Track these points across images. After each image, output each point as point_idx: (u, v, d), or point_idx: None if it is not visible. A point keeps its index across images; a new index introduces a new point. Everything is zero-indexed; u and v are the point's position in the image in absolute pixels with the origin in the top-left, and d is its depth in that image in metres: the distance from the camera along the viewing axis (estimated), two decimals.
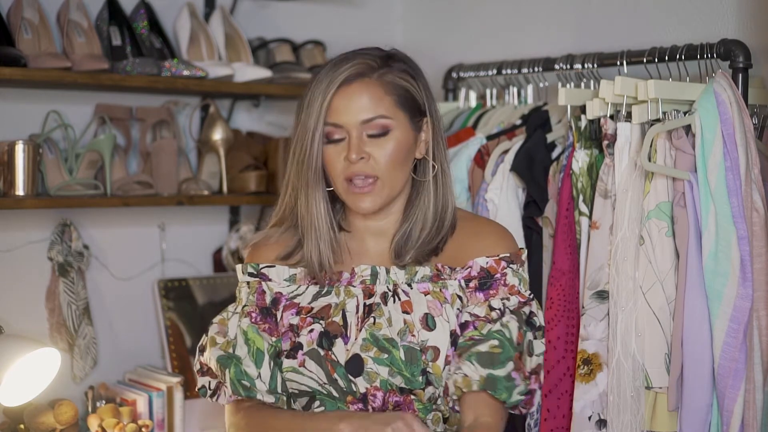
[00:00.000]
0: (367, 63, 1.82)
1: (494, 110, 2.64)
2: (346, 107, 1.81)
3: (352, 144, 1.81)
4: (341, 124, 1.81)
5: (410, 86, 1.85)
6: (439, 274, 1.87)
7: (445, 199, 1.90)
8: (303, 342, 1.85)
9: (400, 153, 1.83)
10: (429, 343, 1.81)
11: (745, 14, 2.30)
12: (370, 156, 1.81)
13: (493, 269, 1.86)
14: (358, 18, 3.17)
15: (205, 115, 2.90)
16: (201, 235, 2.99)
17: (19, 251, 2.64)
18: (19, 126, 2.59)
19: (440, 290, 1.85)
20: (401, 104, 1.83)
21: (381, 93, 1.82)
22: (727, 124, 1.98)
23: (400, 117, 1.83)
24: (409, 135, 1.85)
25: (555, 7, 2.76)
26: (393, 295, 1.85)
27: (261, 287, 1.93)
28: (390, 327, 1.82)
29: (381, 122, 1.81)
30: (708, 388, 2.00)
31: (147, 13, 2.71)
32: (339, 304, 1.86)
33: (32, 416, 2.46)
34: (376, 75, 1.82)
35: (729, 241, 1.96)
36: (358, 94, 1.81)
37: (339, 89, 1.81)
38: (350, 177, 1.82)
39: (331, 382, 1.83)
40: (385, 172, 1.82)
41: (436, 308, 1.83)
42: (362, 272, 1.88)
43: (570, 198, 2.24)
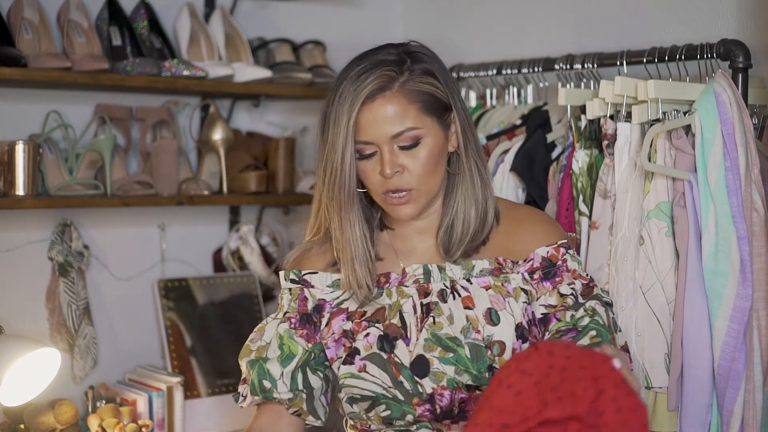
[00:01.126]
0: (385, 75, 1.77)
1: (494, 110, 2.64)
2: (373, 124, 1.77)
3: (385, 159, 1.78)
4: (371, 140, 1.79)
5: (433, 88, 1.81)
6: (500, 267, 1.85)
7: (485, 189, 1.87)
8: (360, 347, 1.82)
9: (433, 159, 1.80)
10: (494, 338, 1.79)
11: (745, 14, 2.30)
12: (405, 168, 1.79)
13: (554, 257, 1.86)
14: (358, 18, 3.17)
15: (205, 115, 2.90)
16: (201, 235, 2.99)
17: (19, 251, 2.64)
18: (19, 126, 2.59)
19: (502, 284, 1.84)
20: (427, 110, 1.80)
21: (405, 103, 1.78)
22: (727, 124, 1.98)
23: (428, 123, 1.80)
24: (440, 137, 1.82)
25: (555, 7, 2.76)
26: (452, 292, 1.84)
27: (303, 294, 1.90)
28: (452, 325, 1.81)
29: (411, 134, 1.78)
30: (708, 388, 2.00)
31: (147, 13, 2.71)
32: (394, 306, 1.84)
33: (32, 416, 2.46)
34: (397, 86, 1.78)
35: (729, 241, 1.96)
36: (382, 108, 1.77)
37: (362, 106, 1.77)
38: (387, 191, 1.80)
39: (396, 385, 1.80)
40: (420, 182, 1.80)
41: (499, 302, 1.81)
42: (414, 272, 1.86)
43: (570, 198, 2.24)
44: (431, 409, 1.80)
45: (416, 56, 1.83)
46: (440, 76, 1.83)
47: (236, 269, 2.98)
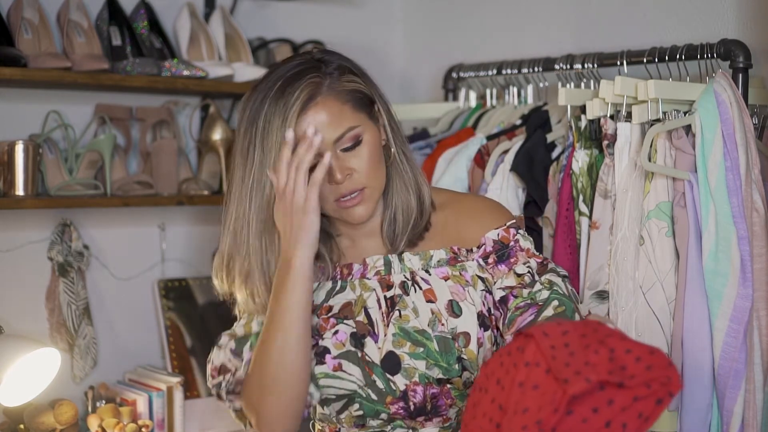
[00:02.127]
0: (312, 82, 1.74)
1: (494, 110, 2.64)
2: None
3: (333, 166, 1.74)
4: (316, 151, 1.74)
5: (356, 84, 1.78)
6: (455, 256, 1.84)
7: (416, 178, 1.86)
8: (329, 345, 1.80)
9: (375, 154, 1.78)
10: (459, 330, 1.78)
11: (745, 14, 2.30)
12: (353, 170, 1.76)
13: (505, 239, 1.85)
14: (358, 18, 3.17)
15: (205, 115, 2.90)
16: (201, 235, 2.99)
17: (19, 251, 2.64)
18: (19, 126, 2.59)
19: (460, 273, 1.83)
20: (358, 107, 1.77)
21: (338, 105, 1.75)
22: (727, 124, 1.98)
23: (363, 119, 1.77)
24: (375, 131, 1.79)
25: (555, 7, 2.76)
26: (413, 284, 1.82)
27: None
28: (418, 318, 1.80)
29: (351, 134, 1.75)
30: (708, 388, 2.00)
31: (147, 13, 2.71)
32: (358, 301, 1.83)
33: (32, 416, 2.46)
34: (325, 89, 1.75)
35: (729, 241, 1.96)
36: (318, 116, 1.73)
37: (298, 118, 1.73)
38: (339, 197, 1.77)
39: (369, 384, 1.78)
40: (369, 179, 1.77)
41: (459, 293, 1.80)
42: (375, 263, 1.85)
43: (570, 198, 2.24)
44: (405, 406, 1.79)
45: (326, 58, 1.81)
46: (356, 70, 1.81)
47: None
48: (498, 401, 1.46)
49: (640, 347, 1.42)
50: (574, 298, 1.82)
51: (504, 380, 1.46)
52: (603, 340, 1.43)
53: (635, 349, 1.42)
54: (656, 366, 1.40)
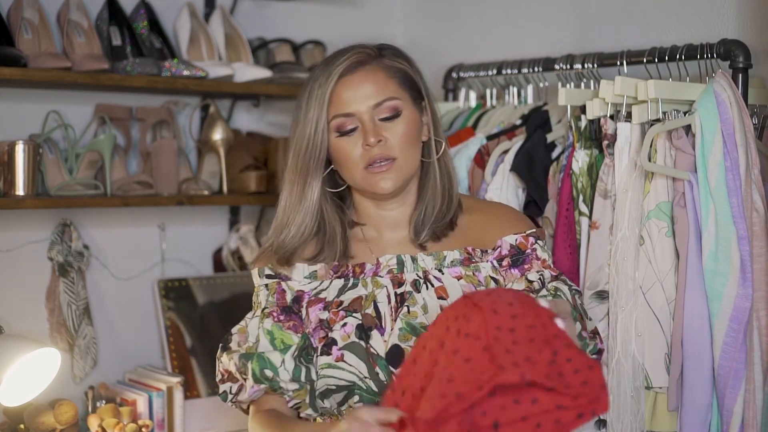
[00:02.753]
0: (363, 52, 1.87)
1: (494, 110, 2.64)
2: (354, 96, 1.84)
3: (368, 129, 1.83)
4: (352, 112, 1.84)
5: (408, 69, 1.90)
6: (470, 257, 1.88)
7: (450, 175, 1.94)
8: (337, 337, 1.82)
9: (411, 133, 1.86)
10: None
11: (745, 14, 2.30)
12: (387, 139, 1.84)
13: (522, 245, 1.89)
14: (358, 18, 3.17)
15: (205, 115, 2.90)
16: (201, 235, 2.99)
17: (19, 251, 2.64)
18: (19, 126, 2.59)
19: (473, 273, 1.86)
20: (404, 86, 1.88)
21: (384, 76, 1.86)
22: (727, 124, 1.98)
23: (406, 98, 1.87)
24: (416, 115, 1.89)
25: (555, 7, 2.76)
26: (425, 282, 1.86)
27: (281, 287, 1.90)
28: (426, 314, 1.82)
29: (391, 104, 1.85)
30: (708, 388, 2.00)
31: (147, 13, 2.71)
32: (369, 296, 1.85)
33: (32, 416, 2.46)
34: (375, 61, 1.87)
35: (729, 241, 1.96)
36: (363, 81, 1.84)
37: (342, 80, 1.84)
38: (370, 162, 1.84)
39: (372, 375, 1.80)
40: (400, 152, 1.85)
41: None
42: (388, 262, 1.88)
43: (570, 198, 2.24)
44: None
45: (390, 46, 1.92)
46: (413, 65, 1.93)
47: (236, 269, 2.98)
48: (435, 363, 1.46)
49: (581, 359, 1.43)
50: (581, 310, 1.85)
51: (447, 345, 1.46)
52: (549, 340, 1.43)
53: (576, 359, 1.42)
54: (591, 383, 1.41)
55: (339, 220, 1.91)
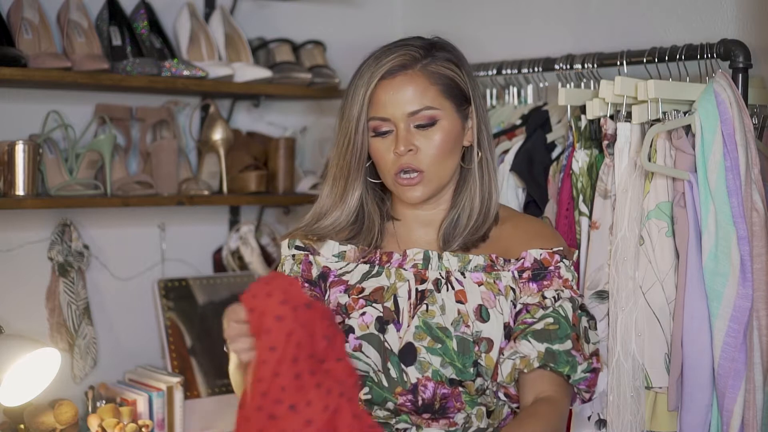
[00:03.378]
0: (409, 54, 1.83)
1: (494, 110, 2.64)
2: (392, 100, 1.82)
3: (400, 136, 1.82)
4: (388, 117, 1.83)
5: (455, 74, 1.86)
6: (492, 264, 1.86)
7: (490, 186, 1.91)
8: (354, 325, 1.82)
9: (447, 143, 1.84)
10: (483, 335, 1.80)
11: (745, 14, 2.30)
12: (418, 148, 1.82)
13: (546, 261, 1.86)
14: (358, 18, 3.17)
15: (205, 115, 2.90)
16: (201, 235, 2.99)
17: (19, 251, 2.64)
18: (19, 126, 2.59)
19: (494, 281, 1.84)
20: (447, 93, 1.84)
21: (426, 83, 1.83)
22: (727, 124, 1.98)
23: (447, 106, 1.84)
24: (457, 124, 1.86)
25: (555, 7, 2.76)
26: (446, 283, 1.84)
27: (308, 259, 1.91)
28: (443, 315, 1.81)
29: (427, 113, 1.82)
30: (708, 388, 2.00)
31: (147, 13, 2.71)
32: (390, 288, 1.85)
33: (32, 416, 2.46)
34: (420, 66, 1.83)
35: (729, 241, 1.96)
36: (403, 86, 1.82)
37: (382, 81, 1.82)
38: (400, 170, 1.83)
39: (384, 370, 1.81)
40: (431, 164, 1.83)
41: (490, 300, 1.82)
42: (414, 255, 1.88)
43: (570, 198, 2.24)
44: (413, 399, 1.79)
45: (442, 46, 1.88)
46: (463, 68, 1.89)
47: (236, 269, 2.98)
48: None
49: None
50: (579, 331, 1.82)
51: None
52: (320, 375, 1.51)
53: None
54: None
55: (378, 211, 1.92)
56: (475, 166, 1.89)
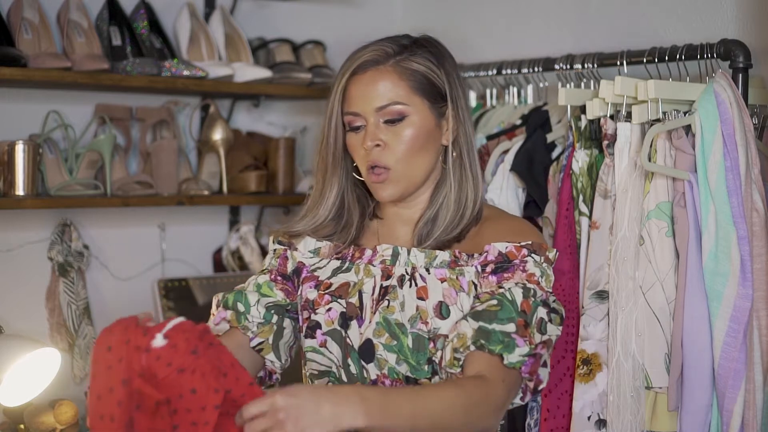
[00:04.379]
0: (383, 50, 1.83)
1: (494, 110, 2.64)
2: (362, 95, 1.82)
3: (368, 131, 1.81)
4: (358, 112, 1.82)
5: (429, 72, 1.84)
6: (456, 260, 1.83)
7: (468, 186, 1.87)
8: (321, 321, 1.84)
9: (417, 140, 1.82)
10: (441, 332, 1.77)
11: (745, 14, 2.30)
12: (386, 144, 1.81)
13: (512, 255, 1.79)
14: (358, 18, 3.17)
15: (205, 115, 2.90)
16: (201, 235, 2.99)
17: (19, 251, 2.64)
18: (19, 126, 2.59)
19: (457, 277, 1.81)
20: (419, 90, 1.82)
21: (395, 79, 1.81)
22: (727, 124, 1.98)
23: (417, 103, 1.82)
24: (429, 121, 1.83)
25: (555, 7, 2.76)
26: (410, 279, 1.83)
27: (285, 254, 1.93)
28: (402, 312, 1.80)
29: (395, 108, 1.81)
30: (708, 388, 2.00)
31: (147, 13, 2.71)
32: (357, 284, 1.85)
33: (32, 416, 2.46)
34: (392, 61, 1.82)
35: (729, 241, 1.96)
36: (372, 81, 1.81)
37: (354, 77, 1.83)
38: (370, 165, 1.83)
39: (344, 366, 1.81)
40: (399, 161, 1.81)
41: (451, 296, 1.79)
42: (384, 251, 1.87)
43: (570, 198, 2.24)
44: None
45: (423, 43, 1.88)
46: (442, 65, 1.86)
47: (236, 269, 2.98)
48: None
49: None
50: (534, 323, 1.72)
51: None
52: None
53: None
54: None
55: (359, 209, 1.91)
56: (450, 166, 1.86)
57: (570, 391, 2.19)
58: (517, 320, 1.70)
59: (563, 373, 2.21)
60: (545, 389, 2.21)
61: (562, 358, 2.22)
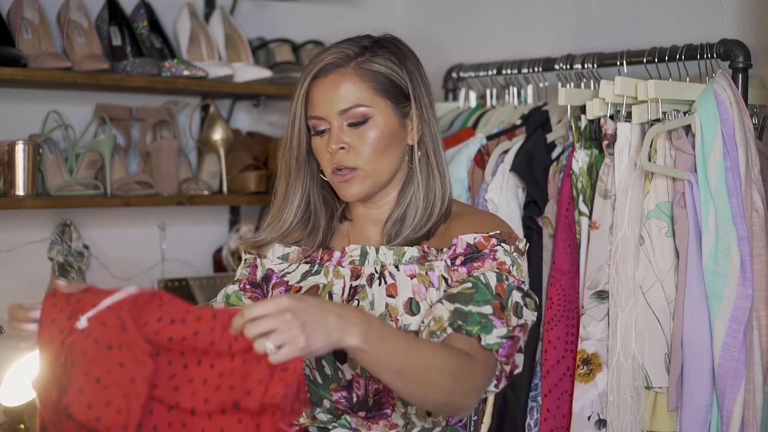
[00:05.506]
0: (343, 52, 1.82)
1: (494, 110, 2.64)
2: (324, 98, 1.81)
3: (332, 134, 1.81)
4: (322, 115, 1.82)
5: (391, 72, 1.83)
6: (425, 255, 1.82)
7: (436, 185, 1.86)
8: None
9: (381, 141, 1.81)
10: (411, 328, 1.76)
11: (745, 14, 2.30)
12: (351, 146, 1.80)
13: (481, 245, 1.79)
14: (358, 18, 3.17)
15: (205, 115, 2.90)
16: (201, 235, 2.99)
17: (19, 251, 2.64)
18: (19, 126, 2.59)
19: (426, 273, 1.80)
20: (381, 91, 1.82)
21: (357, 81, 1.80)
22: (727, 124, 1.98)
23: (380, 104, 1.81)
24: (393, 122, 1.83)
25: (555, 7, 2.76)
26: (379, 278, 1.82)
27: (255, 262, 1.94)
28: (372, 311, 1.79)
29: (358, 111, 1.80)
30: (708, 388, 2.00)
31: (147, 13, 2.71)
32: (326, 286, 1.84)
33: (32, 416, 2.45)
34: (353, 64, 1.81)
35: (729, 241, 1.96)
36: (334, 84, 1.80)
37: (316, 80, 1.82)
38: (334, 168, 1.82)
39: (318, 367, 1.80)
40: (366, 161, 1.81)
41: (421, 293, 1.78)
42: (352, 252, 1.86)
43: (570, 198, 2.24)
44: (347, 396, 1.78)
45: (384, 43, 1.86)
46: (404, 65, 1.85)
47: (236, 269, 2.97)
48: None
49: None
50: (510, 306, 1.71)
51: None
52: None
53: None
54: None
55: (326, 212, 1.91)
56: (416, 165, 1.85)
57: (570, 391, 2.19)
58: (493, 302, 1.70)
59: (563, 373, 2.21)
60: (545, 389, 2.21)
61: (562, 358, 2.22)
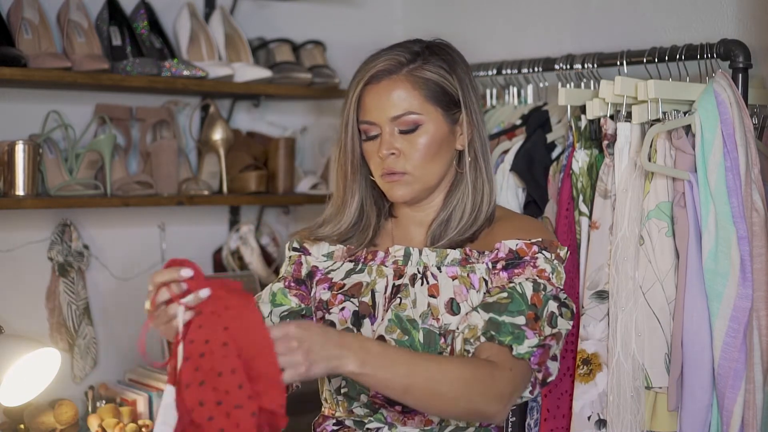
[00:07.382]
0: (395, 59, 1.85)
1: (494, 110, 2.64)
2: (376, 104, 1.84)
3: (383, 140, 1.84)
4: (373, 121, 1.85)
5: (442, 80, 1.86)
6: (467, 258, 1.86)
7: (483, 190, 1.90)
8: (335, 320, 1.87)
9: (431, 147, 1.85)
10: (451, 327, 1.80)
11: (745, 14, 2.30)
12: (401, 152, 1.84)
13: (522, 251, 1.83)
14: (358, 18, 3.17)
15: (205, 115, 2.90)
16: (201, 235, 2.99)
17: (19, 251, 2.63)
18: (19, 126, 2.59)
19: (467, 275, 1.84)
20: (432, 98, 1.85)
21: (409, 88, 1.84)
22: (727, 124, 1.98)
23: (431, 111, 1.85)
24: (443, 128, 1.86)
25: (555, 7, 2.76)
26: (422, 278, 1.86)
27: (300, 260, 1.97)
28: (414, 308, 1.83)
29: (410, 118, 1.83)
30: (708, 388, 2.00)
31: (147, 13, 2.71)
32: (369, 284, 1.88)
33: (32, 416, 2.46)
34: (405, 70, 1.84)
35: (729, 241, 1.96)
36: (387, 91, 1.84)
37: (369, 86, 1.85)
38: (383, 173, 1.86)
39: None
40: (415, 168, 1.85)
41: (462, 294, 1.82)
42: (395, 252, 1.90)
43: (570, 198, 2.24)
44: (385, 397, 1.80)
45: (435, 50, 1.89)
46: (455, 73, 1.88)
47: (236, 269, 2.98)
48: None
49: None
50: (545, 317, 1.75)
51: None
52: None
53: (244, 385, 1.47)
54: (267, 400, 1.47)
55: (377, 211, 1.95)
56: (467, 171, 1.89)
57: (570, 391, 2.20)
58: (527, 313, 1.74)
59: (563, 373, 2.21)
60: (545, 389, 2.21)
61: (562, 358, 2.21)
